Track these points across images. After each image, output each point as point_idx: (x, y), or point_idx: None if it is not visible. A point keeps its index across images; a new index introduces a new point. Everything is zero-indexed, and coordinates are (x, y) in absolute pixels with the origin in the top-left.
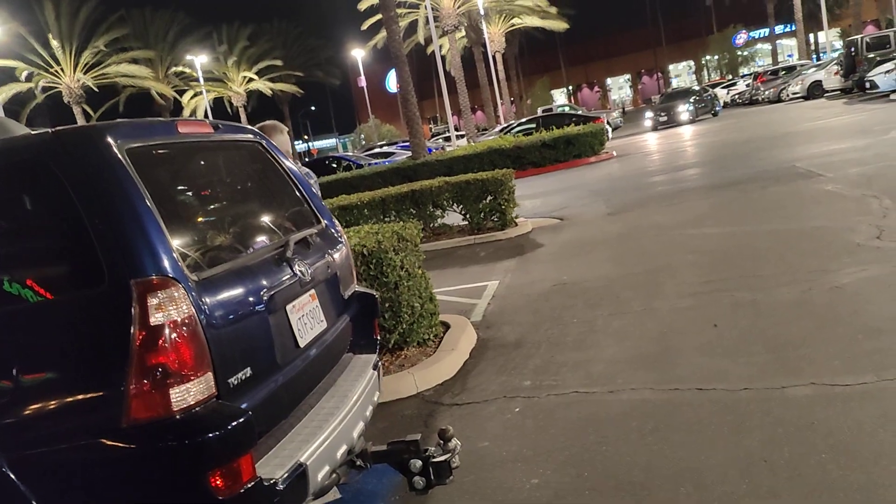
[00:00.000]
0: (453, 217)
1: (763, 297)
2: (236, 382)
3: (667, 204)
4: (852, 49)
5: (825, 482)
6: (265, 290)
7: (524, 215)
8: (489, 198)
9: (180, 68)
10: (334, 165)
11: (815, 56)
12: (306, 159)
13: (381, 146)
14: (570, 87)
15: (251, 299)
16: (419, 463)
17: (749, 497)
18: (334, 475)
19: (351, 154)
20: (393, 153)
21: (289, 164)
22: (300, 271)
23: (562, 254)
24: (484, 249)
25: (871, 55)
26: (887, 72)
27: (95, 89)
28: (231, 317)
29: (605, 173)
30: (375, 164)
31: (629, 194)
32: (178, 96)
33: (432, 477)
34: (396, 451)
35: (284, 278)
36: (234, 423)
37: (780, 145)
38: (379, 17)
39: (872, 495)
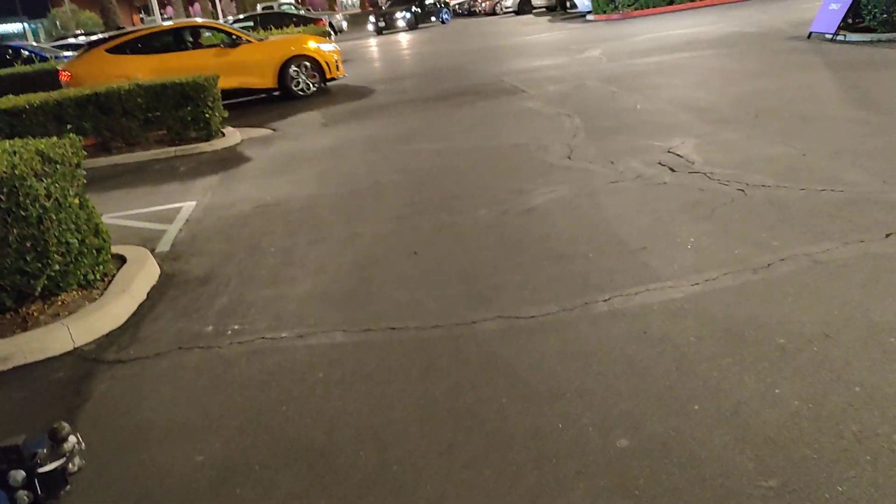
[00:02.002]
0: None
1: (462, 220)
2: None
3: (381, 116)
4: None
5: (503, 430)
6: None
7: (238, 121)
8: (190, 105)
9: None
10: (9, 57)
11: None
12: None
13: (76, 36)
14: None
15: None
16: (22, 475)
17: (427, 455)
18: None
19: (34, 44)
20: None
21: None
22: None
23: (270, 169)
24: (185, 163)
25: None
26: None
27: None
28: None
29: None
30: (65, 57)
31: (345, 103)
32: None
33: (40, 491)
34: None
35: None
36: None
37: (490, 59)
38: None
39: (544, 442)
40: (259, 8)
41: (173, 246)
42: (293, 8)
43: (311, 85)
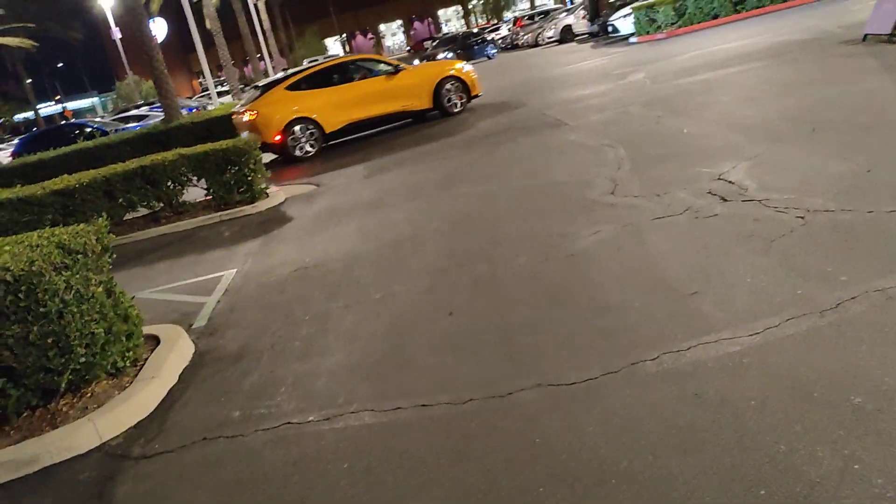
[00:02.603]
0: (198, 190)
1: (502, 270)
2: None
3: (422, 161)
4: None
5: None
6: None
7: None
8: (234, 169)
9: None
10: (76, 133)
11: (568, 0)
12: (37, 129)
13: (137, 107)
14: (344, 35)
15: None
16: None
17: None
18: None
19: (98, 119)
20: (146, 116)
21: None
22: None
23: (311, 228)
24: (230, 228)
25: (612, 0)
26: (625, 16)
27: None
28: None
29: None
30: (123, 129)
31: (388, 151)
32: None
33: None
34: None
35: None
36: None
37: (532, 92)
38: None
39: None
40: (305, 63)
41: (210, 320)
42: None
43: (460, 102)
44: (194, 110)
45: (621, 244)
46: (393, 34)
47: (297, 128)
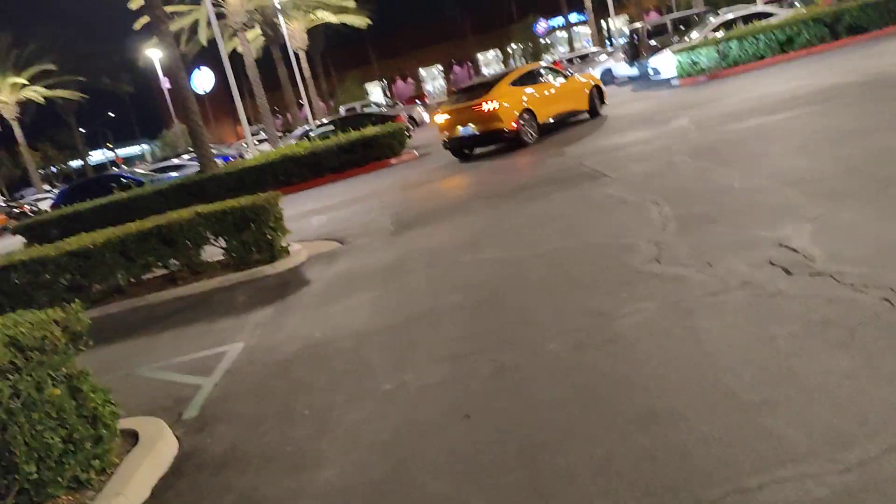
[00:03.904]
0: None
1: (528, 359)
2: None
3: (450, 218)
4: (635, 36)
5: None
6: None
7: (309, 236)
8: (253, 227)
9: None
10: (112, 185)
11: (608, 42)
12: (75, 181)
13: (178, 156)
14: (385, 80)
15: None
16: None
17: None
18: None
19: (139, 170)
20: (184, 165)
21: None
22: None
23: (328, 294)
24: (245, 292)
25: (652, 42)
26: (666, 59)
27: None
28: None
29: (402, 178)
30: (159, 179)
31: (418, 205)
32: None
33: None
34: None
35: None
36: None
37: (569, 137)
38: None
39: None
40: (342, 111)
41: (202, 410)
42: (374, 108)
43: (601, 105)
44: (230, 159)
45: (668, 328)
46: (433, 78)
47: (525, 117)
